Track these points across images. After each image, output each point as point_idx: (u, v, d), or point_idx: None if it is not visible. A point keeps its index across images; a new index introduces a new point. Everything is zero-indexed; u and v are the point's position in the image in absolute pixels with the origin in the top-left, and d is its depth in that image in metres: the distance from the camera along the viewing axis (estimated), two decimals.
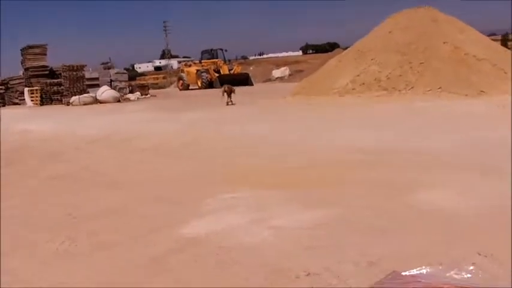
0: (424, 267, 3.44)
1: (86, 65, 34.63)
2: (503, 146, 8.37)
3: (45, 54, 35.42)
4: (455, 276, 3.35)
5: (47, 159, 10.96)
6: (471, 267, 3.60)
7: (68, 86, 31.83)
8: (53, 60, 37.08)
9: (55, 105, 31.31)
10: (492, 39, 27.03)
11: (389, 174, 7.10)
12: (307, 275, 3.76)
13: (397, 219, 5.06)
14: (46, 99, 32.76)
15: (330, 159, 8.49)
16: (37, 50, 35.11)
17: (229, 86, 21.80)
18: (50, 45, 36.40)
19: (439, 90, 17.04)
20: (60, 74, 32.73)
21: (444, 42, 19.01)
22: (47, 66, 34.79)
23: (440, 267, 3.50)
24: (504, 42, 59.72)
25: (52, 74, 34.28)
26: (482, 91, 16.71)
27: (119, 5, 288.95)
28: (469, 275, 3.44)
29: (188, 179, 7.86)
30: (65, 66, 32.67)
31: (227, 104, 20.64)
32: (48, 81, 33.17)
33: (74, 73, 32.32)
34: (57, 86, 32.69)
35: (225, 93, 21.13)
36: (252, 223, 5.19)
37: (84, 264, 4.46)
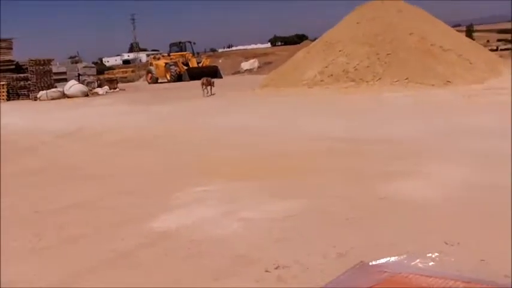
0: (390, 257, 3.52)
1: (53, 59, 34.32)
2: (470, 135, 8.54)
3: (11, 48, 34.87)
4: (420, 265, 3.44)
5: (15, 154, 10.83)
6: (436, 256, 3.70)
7: (35, 80, 31.44)
8: (19, 54, 36.50)
9: (22, 101, 30.89)
10: (457, 30, 27.44)
11: (358, 163, 7.19)
12: (276, 267, 3.81)
13: (367, 209, 5.14)
14: (13, 94, 32.28)
15: (300, 149, 8.58)
16: (3, 44, 34.54)
17: (208, 78, 22.31)
18: (16, 39, 35.94)
19: (406, 80, 17.24)
20: (27, 68, 32.27)
21: (410, 34, 19.22)
22: (13, 61, 34.27)
23: (406, 256, 3.58)
24: (469, 33, 60.68)
25: (18, 68, 33.76)
26: (448, 81, 16.97)
27: None
28: (433, 263, 3.54)
29: (159, 172, 7.86)
30: (31, 60, 32.24)
31: (203, 96, 20.99)
32: (15, 75, 32.69)
33: (41, 67, 31.93)
34: (24, 80, 32.22)
35: (204, 86, 21.70)
36: (223, 216, 5.22)
37: (52, 259, 4.45)
